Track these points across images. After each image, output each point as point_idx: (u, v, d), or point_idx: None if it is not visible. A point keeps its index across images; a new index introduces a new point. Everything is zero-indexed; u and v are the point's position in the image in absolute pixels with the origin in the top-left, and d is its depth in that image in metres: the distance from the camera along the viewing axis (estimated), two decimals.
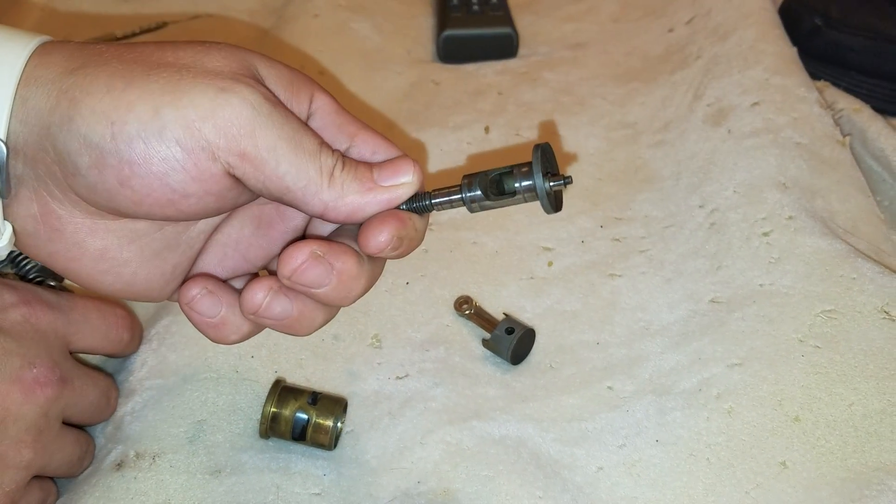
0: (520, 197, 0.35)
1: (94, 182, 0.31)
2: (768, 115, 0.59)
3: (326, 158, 0.33)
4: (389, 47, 0.76)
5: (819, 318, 0.47)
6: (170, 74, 0.31)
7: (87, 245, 0.34)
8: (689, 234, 0.55)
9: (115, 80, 0.31)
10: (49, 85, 0.31)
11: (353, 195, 0.33)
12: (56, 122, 0.31)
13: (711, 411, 0.44)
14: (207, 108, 0.30)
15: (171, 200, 0.32)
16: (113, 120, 0.30)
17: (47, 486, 0.41)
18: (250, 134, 0.31)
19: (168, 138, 0.30)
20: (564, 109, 0.67)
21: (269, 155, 0.31)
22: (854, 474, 0.41)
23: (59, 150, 0.31)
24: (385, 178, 0.34)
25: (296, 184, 0.32)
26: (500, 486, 0.41)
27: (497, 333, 0.47)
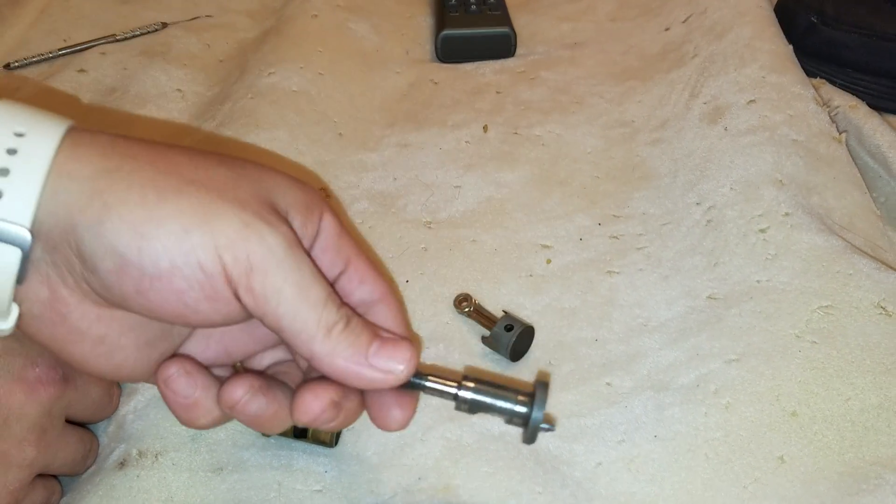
0: (507, 417, 0.37)
1: (111, 285, 0.32)
2: (764, 112, 0.60)
3: (329, 314, 0.33)
4: (388, 47, 0.76)
5: (816, 313, 0.47)
6: (201, 196, 0.32)
7: (89, 331, 0.34)
8: (687, 231, 0.55)
9: (148, 190, 0.32)
10: (82, 182, 0.31)
11: (341, 361, 0.34)
12: (85, 222, 0.31)
13: (709, 407, 0.44)
14: (231, 239, 0.32)
15: (182, 314, 0.33)
16: (143, 234, 0.31)
17: (51, 485, 0.41)
18: (262, 272, 0.32)
19: (192, 260, 0.31)
20: (562, 108, 0.67)
21: (272, 295, 0.32)
22: (851, 469, 0.41)
23: (82, 249, 0.31)
24: (379, 358, 0.34)
25: (291, 327, 0.33)
26: (500, 482, 0.42)
27: (496, 331, 0.48)
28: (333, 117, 0.66)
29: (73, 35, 0.77)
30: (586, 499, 0.41)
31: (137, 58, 0.73)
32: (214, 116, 0.65)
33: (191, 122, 0.66)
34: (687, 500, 0.41)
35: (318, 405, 0.35)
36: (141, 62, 0.72)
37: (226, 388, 0.35)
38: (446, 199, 0.59)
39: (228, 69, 0.73)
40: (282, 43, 0.72)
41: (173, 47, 0.75)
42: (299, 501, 0.41)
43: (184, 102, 0.69)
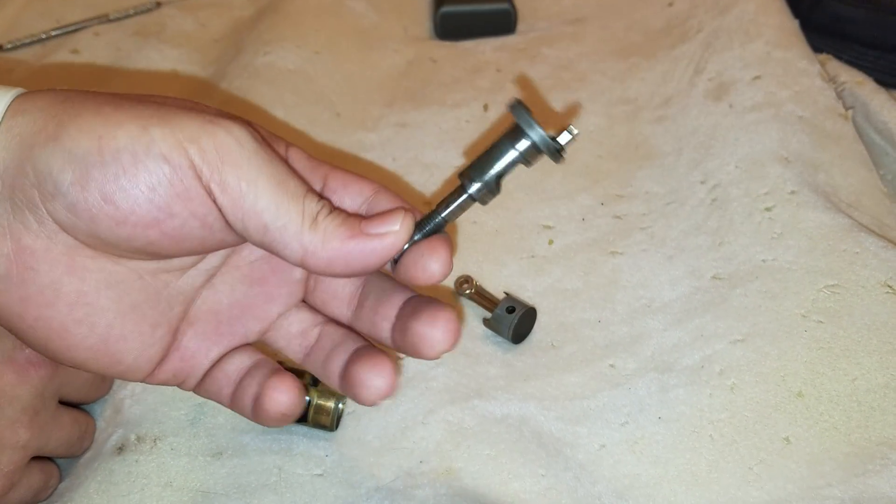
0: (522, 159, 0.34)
1: (76, 200, 0.30)
2: (770, 88, 0.59)
3: (311, 203, 0.32)
4: (386, 25, 0.75)
5: (822, 293, 0.47)
6: (158, 106, 0.31)
7: (62, 286, 0.32)
8: (691, 210, 0.55)
9: (105, 105, 0.31)
10: (35, 112, 0.31)
11: (335, 241, 0.32)
12: (41, 141, 0.30)
13: (714, 388, 0.44)
14: (194, 133, 0.30)
15: (156, 219, 0.31)
16: (101, 134, 0.30)
17: (48, 468, 0.41)
18: (233, 164, 0.31)
19: (155, 153, 0.30)
20: (564, 86, 0.66)
21: (248, 188, 0.31)
22: (857, 449, 0.41)
23: (39, 170, 0.30)
24: (373, 225, 0.32)
25: (274, 222, 0.31)
26: (502, 465, 0.41)
27: (498, 313, 0.47)
28: (331, 97, 0.65)
29: (65, 16, 0.76)
30: (590, 481, 0.41)
31: (131, 38, 0.72)
32: (210, 96, 0.64)
33: None
34: (691, 482, 0.40)
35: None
36: (135, 42, 0.71)
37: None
38: (446, 179, 0.59)
39: (224, 48, 0.72)
40: (278, 21, 0.71)
41: (168, 27, 0.74)
42: (300, 486, 0.41)
43: (178, 83, 0.68)
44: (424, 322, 0.34)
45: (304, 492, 0.40)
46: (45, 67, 0.69)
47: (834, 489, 0.40)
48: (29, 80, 0.67)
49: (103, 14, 0.75)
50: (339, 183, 0.36)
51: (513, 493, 0.40)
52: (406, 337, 0.34)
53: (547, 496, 0.40)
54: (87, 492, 0.40)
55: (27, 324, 0.32)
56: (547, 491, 0.40)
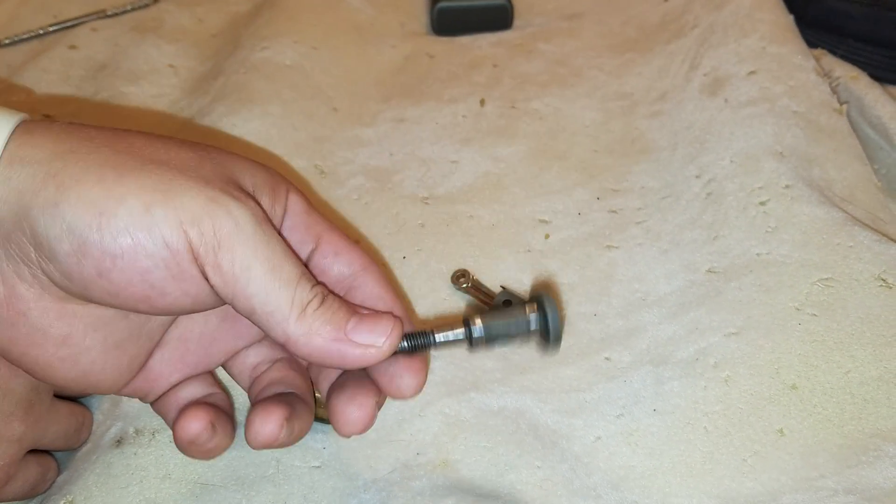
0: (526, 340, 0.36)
1: (71, 270, 0.30)
2: (765, 83, 0.59)
3: (302, 292, 0.32)
4: (383, 20, 0.75)
5: (816, 286, 0.47)
6: (162, 173, 0.31)
7: (51, 330, 0.32)
8: (686, 204, 0.55)
9: (107, 170, 0.30)
10: (36, 166, 0.30)
11: (319, 339, 0.32)
12: (39, 204, 0.30)
13: (709, 380, 0.44)
14: (196, 214, 0.30)
15: (148, 296, 0.31)
16: (101, 211, 0.29)
17: (46, 462, 0.41)
18: (229, 249, 0.30)
19: (156, 236, 0.30)
20: (560, 81, 0.67)
21: (241, 273, 0.31)
22: (851, 441, 0.41)
23: (37, 234, 0.30)
24: (359, 332, 0.32)
25: (263, 308, 0.31)
26: (499, 457, 0.41)
27: (494, 306, 0.47)
28: (328, 92, 0.65)
29: (63, 11, 0.76)
30: (585, 473, 0.41)
31: (129, 33, 0.72)
32: (207, 92, 0.64)
33: (183, 98, 0.66)
34: (686, 474, 0.41)
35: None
36: (132, 38, 0.71)
37: (258, 428, 0.34)
38: (443, 174, 0.59)
39: (221, 44, 0.72)
40: (275, 16, 0.71)
41: (165, 22, 0.74)
42: (297, 478, 0.41)
43: (176, 78, 0.68)
44: (344, 398, 0.35)
45: (302, 484, 0.41)
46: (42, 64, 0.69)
47: (827, 480, 0.40)
48: (26, 76, 0.67)
49: (101, 10, 0.75)
50: (332, 249, 0.37)
51: (509, 484, 0.40)
52: (329, 405, 0.36)
53: (543, 487, 0.40)
54: (86, 484, 0.40)
55: (12, 357, 0.33)
56: (543, 482, 0.41)
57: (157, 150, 0.32)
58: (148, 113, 0.64)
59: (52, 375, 0.34)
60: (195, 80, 0.68)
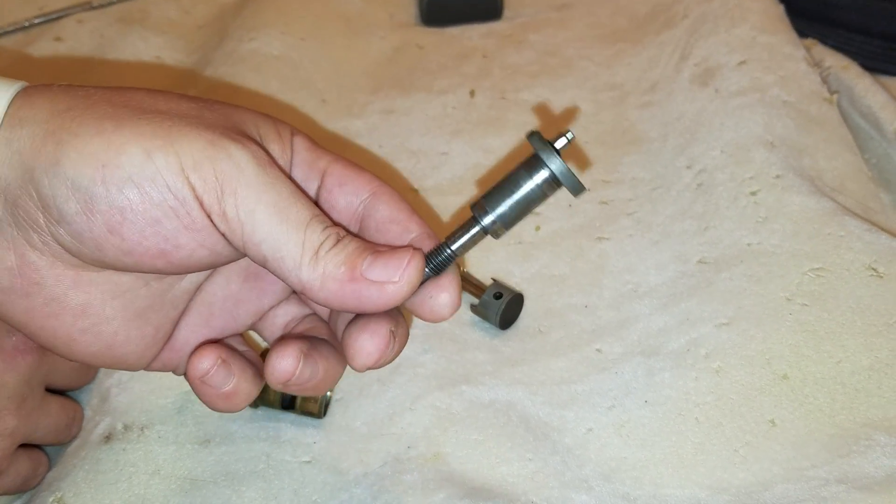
0: (540, 192, 0.32)
1: (81, 230, 0.29)
2: (755, 73, 0.59)
3: (313, 234, 0.30)
4: (372, 11, 0.74)
5: (807, 276, 0.47)
6: (161, 119, 0.30)
7: (67, 300, 0.31)
8: (677, 195, 0.55)
9: (105, 121, 0.29)
10: (34, 126, 0.29)
11: (333, 282, 0.30)
12: (41, 164, 0.29)
13: (700, 371, 0.44)
14: (196, 159, 0.29)
15: (163, 251, 0.30)
16: (104, 162, 0.29)
17: (37, 456, 0.41)
18: (232, 193, 0.29)
19: (160, 184, 0.29)
20: (550, 72, 0.66)
21: (246, 218, 0.29)
22: (842, 430, 0.41)
23: (43, 196, 0.29)
24: (374, 270, 0.30)
25: (273, 254, 0.30)
26: (490, 450, 0.41)
27: (485, 299, 0.47)
28: (317, 83, 0.65)
29: (48, 3, 0.75)
30: (577, 464, 0.41)
31: (115, 25, 0.72)
32: (195, 84, 0.63)
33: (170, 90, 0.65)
34: (678, 465, 0.41)
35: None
36: (118, 29, 0.71)
37: (275, 363, 0.32)
38: (433, 165, 0.58)
39: (208, 35, 0.72)
40: (263, 7, 0.70)
41: (151, 14, 0.73)
42: (288, 473, 0.41)
43: (163, 70, 0.68)
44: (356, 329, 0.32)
45: (293, 478, 0.40)
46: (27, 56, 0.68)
47: (819, 470, 0.40)
48: (11, 68, 0.66)
49: (86, 1, 0.74)
50: (336, 181, 0.35)
51: (500, 477, 0.40)
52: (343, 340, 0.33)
53: (535, 480, 0.40)
54: (75, 480, 0.40)
55: (31, 331, 0.32)
56: (534, 475, 0.40)
57: (156, 101, 0.31)
58: None
59: (73, 350, 0.32)
60: (182, 71, 0.67)
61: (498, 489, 0.40)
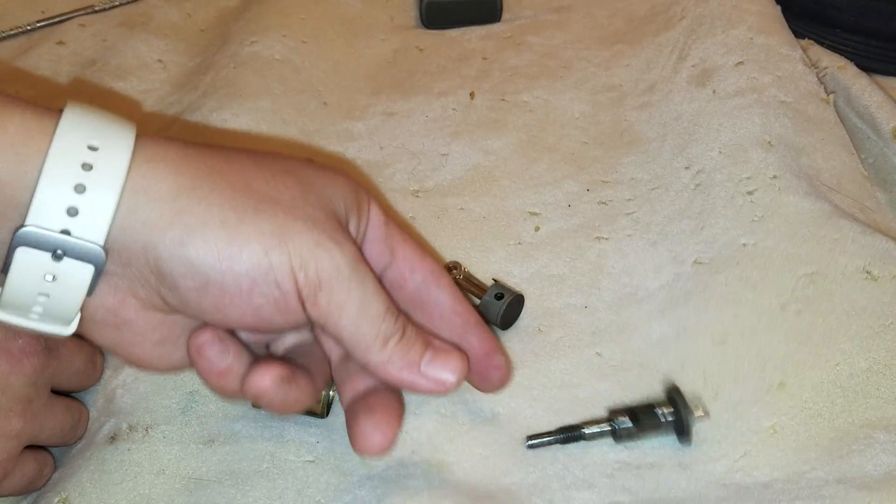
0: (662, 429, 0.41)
1: (189, 300, 0.33)
2: (752, 74, 0.59)
3: (387, 327, 0.35)
4: (372, 14, 0.75)
5: (801, 281, 0.47)
6: (275, 214, 0.33)
7: (150, 335, 0.35)
8: (675, 195, 0.55)
9: (227, 212, 0.33)
10: (160, 203, 0.32)
11: (395, 371, 0.36)
12: (166, 244, 0.32)
13: (697, 385, 0.44)
14: (305, 258, 0.33)
15: (255, 325, 0.35)
16: (227, 256, 0.32)
17: (42, 457, 0.41)
18: (328, 289, 0.34)
19: (271, 280, 0.33)
20: (549, 73, 0.67)
21: (335, 310, 0.34)
22: (841, 433, 0.42)
23: (161, 268, 0.32)
24: (431, 367, 0.36)
25: (351, 339, 0.35)
26: (495, 465, 0.41)
27: (486, 299, 0.48)
28: (318, 86, 0.65)
29: (50, 7, 0.75)
30: (579, 468, 0.41)
31: (117, 28, 0.72)
32: (197, 87, 0.64)
33: (172, 93, 0.66)
34: (679, 473, 0.41)
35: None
36: (121, 33, 0.71)
37: (253, 377, 0.35)
38: (433, 167, 0.59)
39: (210, 38, 0.72)
40: (264, 11, 0.71)
41: (153, 17, 0.74)
42: (292, 472, 0.41)
43: (165, 73, 0.68)
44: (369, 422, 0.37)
45: (297, 478, 0.41)
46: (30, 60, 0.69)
47: (818, 472, 0.40)
48: (9, 76, 0.67)
49: (89, 5, 0.75)
50: (407, 265, 0.40)
51: (505, 487, 0.41)
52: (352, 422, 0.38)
53: (537, 485, 0.41)
54: (80, 481, 0.40)
55: (114, 352, 0.36)
56: (537, 481, 0.41)
57: (268, 183, 0.35)
58: (136, 108, 0.64)
59: (147, 367, 0.37)
60: (184, 75, 0.68)
61: (504, 498, 0.40)
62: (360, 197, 0.39)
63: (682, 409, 0.41)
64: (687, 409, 0.41)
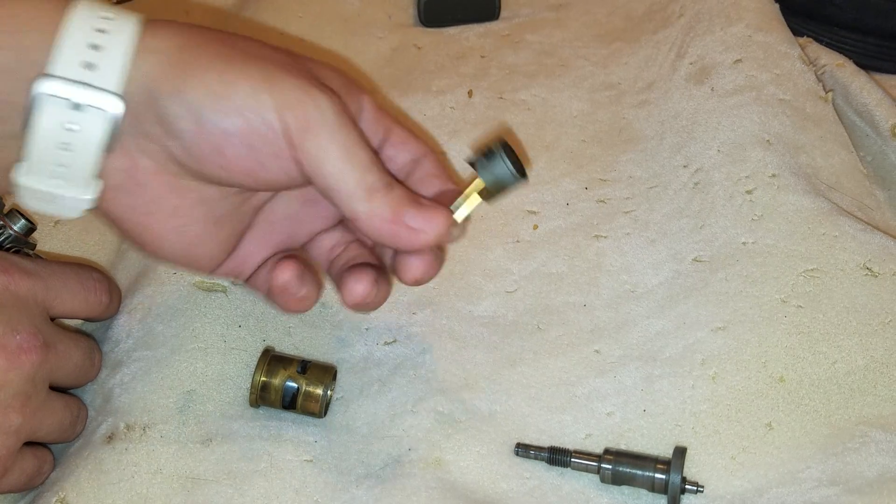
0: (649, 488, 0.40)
1: (191, 144, 0.36)
2: (751, 72, 0.59)
3: (371, 176, 0.37)
4: (370, 12, 0.75)
5: (801, 277, 0.47)
6: (264, 64, 0.36)
7: (164, 201, 0.38)
8: (674, 194, 0.55)
9: (219, 61, 0.36)
10: (161, 55, 0.35)
11: (378, 219, 0.37)
12: (166, 89, 0.35)
13: (696, 378, 0.44)
14: (290, 100, 0.35)
15: (252, 170, 0.36)
16: (219, 94, 0.35)
17: (42, 454, 0.41)
18: (314, 133, 0.36)
19: (263, 117, 0.35)
20: (547, 71, 0.67)
21: (321, 154, 0.36)
22: (837, 430, 0.42)
23: (163, 114, 0.35)
24: (412, 217, 0.37)
25: (336, 186, 0.36)
26: (491, 466, 0.42)
27: (481, 161, 0.40)
28: None
29: None
30: (574, 476, 0.41)
31: None
32: None
33: None
34: None
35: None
36: None
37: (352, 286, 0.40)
38: None
39: None
40: (261, 9, 0.70)
41: (150, 16, 0.73)
42: (289, 472, 0.41)
43: None
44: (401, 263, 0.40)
45: (294, 478, 0.41)
46: None
47: (812, 470, 0.40)
48: None
49: None
50: (399, 140, 0.43)
51: (501, 492, 0.41)
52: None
53: (533, 495, 0.41)
54: (78, 480, 0.40)
55: (128, 227, 0.38)
56: (532, 491, 0.41)
57: (259, 48, 0.37)
58: None
59: (161, 246, 0.39)
60: None
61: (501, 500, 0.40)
62: (352, 85, 0.41)
63: (675, 478, 0.39)
64: (682, 479, 0.39)
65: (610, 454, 0.41)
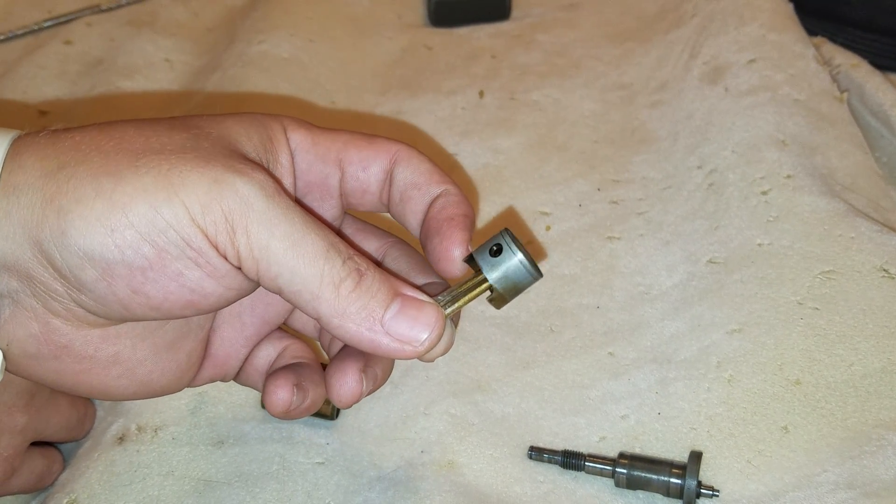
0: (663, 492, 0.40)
1: (104, 294, 0.28)
2: (765, 72, 0.59)
3: (332, 267, 0.29)
4: (379, 12, 0.75)
5: (818, 279, 0.47)
6: (158, 163, 0.28)
7: (98, 355, 0.31)
8: (688, 195, 0.55)
9: (102, 178, 0.28)
10: (30, 194, 0.28)
11: (353, 326, 0.29)
12: (47, 237, 0.28)
13: (712, 381, 0.44)
14: (203, 202, 0.28)
15: (190, 301, 0.29)
16: (112, 227, 0.27)
17: (51, 454, 0.41)
18: (243, 231, 0.28)
19: (173, 237, 0.28)
20: (559, 72, 0.66)
21: (260, 255, 0.28)
22: (854, 433, 0.41)
23: (58, 267, 0.28)
24: (397, 325, 0.30)
25: (289, 287, 0.29)
26: (504, 469, 0.41)
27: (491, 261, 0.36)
28: (325, 85, 0.65)
29: (57, 6, 0.75)
30: (588, 480, 0.41)
31: (124, 28, 0.72)
32: (204, 86, 0.64)
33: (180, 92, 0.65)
34: None
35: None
36: (128, 32, 0.71)
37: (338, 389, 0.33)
38: (443, 167, 0.58)
39: (217, 37, 0.72)
40: (271, 9, 0.70)
41: (160, 16, 0.73)
42: (302, 474, 0.41)
43: (172, 73, 0.68)
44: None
45: (306, 480, 0.41)
46: None
47: (829, 474, 0.40)
48: (21, 72, 0.67)
49: (95, 4, 0.75)
50: (359, 166, 0.34)
51: (515, 496, 0.40)
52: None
53: (547, 500, 0.40)
54: (89, 482, 0.40)
55: (66, 388, 0.32)
56: (546, 495, 0.40)
57: (148, 138, 0.29)
58: (144, 108, 0.64)
59: (112, 395, 0.33)
60: (192, 73, 0.68)
61: None
62: (270, 128, 0.33)
63: (691, 483, 0.39)
64: (698, 483, 0.39)
65: (625, 458, 0.40)
